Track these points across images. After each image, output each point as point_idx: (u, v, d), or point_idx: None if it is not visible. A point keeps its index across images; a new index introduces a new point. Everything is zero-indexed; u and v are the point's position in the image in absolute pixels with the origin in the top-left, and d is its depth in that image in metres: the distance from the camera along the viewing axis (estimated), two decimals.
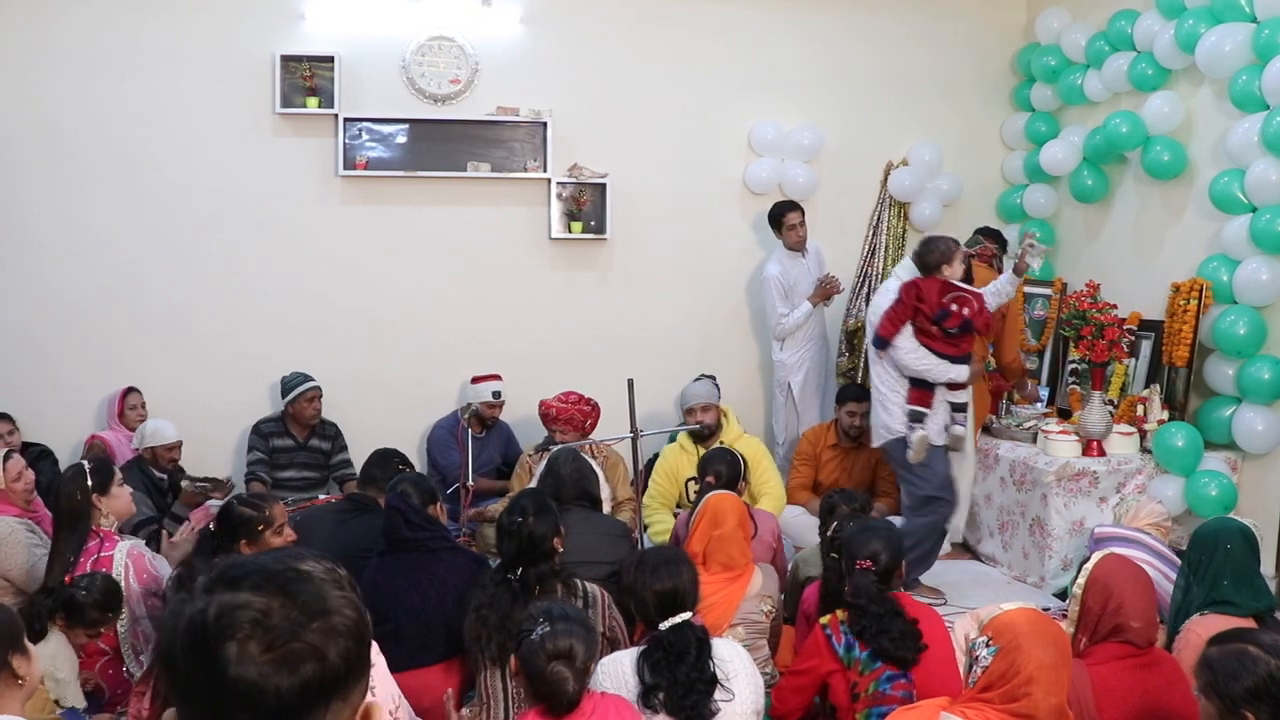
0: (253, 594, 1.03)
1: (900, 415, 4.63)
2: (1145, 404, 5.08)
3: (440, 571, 3.36)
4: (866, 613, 2.97)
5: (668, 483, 4.97)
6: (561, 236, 6.01)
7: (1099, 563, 2.85)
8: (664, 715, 2.67)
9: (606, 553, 3.80)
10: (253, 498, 3.35)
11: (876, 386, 4.76)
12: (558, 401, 5.23)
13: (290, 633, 1.02)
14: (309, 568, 1.07)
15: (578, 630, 2.50)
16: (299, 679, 1.01)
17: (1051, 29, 6.14)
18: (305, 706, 1.03)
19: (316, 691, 1.03)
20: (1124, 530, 3.78)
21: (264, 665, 1.00)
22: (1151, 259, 5.52)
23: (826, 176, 6.27)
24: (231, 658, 1.00)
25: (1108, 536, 3.72)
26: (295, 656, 1.01)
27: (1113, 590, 2.76)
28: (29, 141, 5.53)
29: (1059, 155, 5.87)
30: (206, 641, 1.02)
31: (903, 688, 2.86)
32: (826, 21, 6.28)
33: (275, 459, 5.49)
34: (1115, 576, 2.80)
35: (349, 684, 1.06)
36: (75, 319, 5.64)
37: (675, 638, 2.78)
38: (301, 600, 1.03)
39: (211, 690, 1.02)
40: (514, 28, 5.95)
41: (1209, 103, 5.13)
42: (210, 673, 1.01)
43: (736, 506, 3.59)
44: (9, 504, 3.93)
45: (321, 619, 1.03)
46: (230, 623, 1.01)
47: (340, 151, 5.71)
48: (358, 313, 5.91)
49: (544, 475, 4.03)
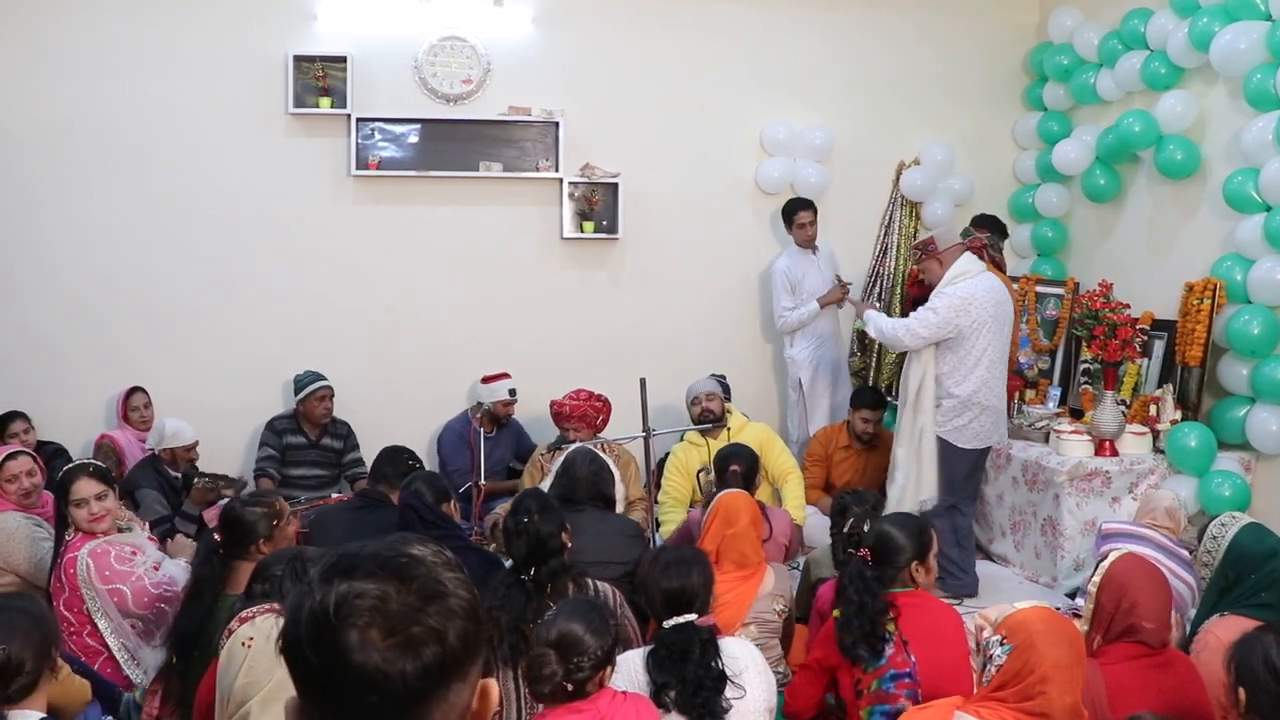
0: (369, 581, 1.04)
1: None
2: (1158, 404, 5.06)
3: None
4: (847, 598, 2.95)
5: (681, 479, 4.96)
6: (573, 236, 6.02)
7: (1115, 561, 2.84)
8: (676, 714, 2.68)
9: (620, 553, 3.80)
10: (254, 496, 3.34)
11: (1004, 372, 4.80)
12: (569, 399, 5.25)
13: (410, 617, 1.03)
14: (419, 552, 1.09)
15: (581, 620, 2.50)
16: (421, 662, 1.03)
17: (1064, 28, 6.12)
18: (428, 689, 1.05)
19: (438, 673, 1.04)
20: (1132, 526, 3.77)
21: (386, 650, 1.02)
22: (1164, 258, 5.50)
23: (838, 176, 6.27)
24: (354, 645, 1.02)
25: (1116, 533, 3.71)
26: (416, 640, 1.03)
27: (1127, 589, 2.75)
28: (41, 142, 5.55)
29: (1071, 155, 5.86)
30: (328, 631, 1.03)
31: (906, 686, 2.84)
32: (839, 21, 6.28)
33: (288, 456, 5.51)
34: (1131, 575, 2.79)
35: (468, 663, 1.08)
36: (88, 318, 5.67)
37: (677, 637, 2.78)
38: (417, 585, 1.05)
39: (336, 678, 1.03)
40: (526, 28, 5.96)
41: (1223, 101, 5.11)
42: (334, 662, 1.03)
43: (749, 505, 3.60)
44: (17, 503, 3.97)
45: (438, 601, 1.05)
46: (350, 611, 1.03)
47: (352, 151, 5.72)
48: (369, 312, 5.93)
49: (560, 474, 4.04)
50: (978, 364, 4.63)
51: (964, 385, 4.63)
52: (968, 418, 4.66)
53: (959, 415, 4.66)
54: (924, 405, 4.70)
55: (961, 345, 4.62)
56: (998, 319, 4.66)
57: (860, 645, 2.87)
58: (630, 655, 2.85)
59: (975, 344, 4.62)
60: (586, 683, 2.49)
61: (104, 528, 3.55)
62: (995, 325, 4.65)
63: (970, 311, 4.57)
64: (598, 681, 2.52)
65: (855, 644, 2.88)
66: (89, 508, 3.51)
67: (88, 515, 3.52)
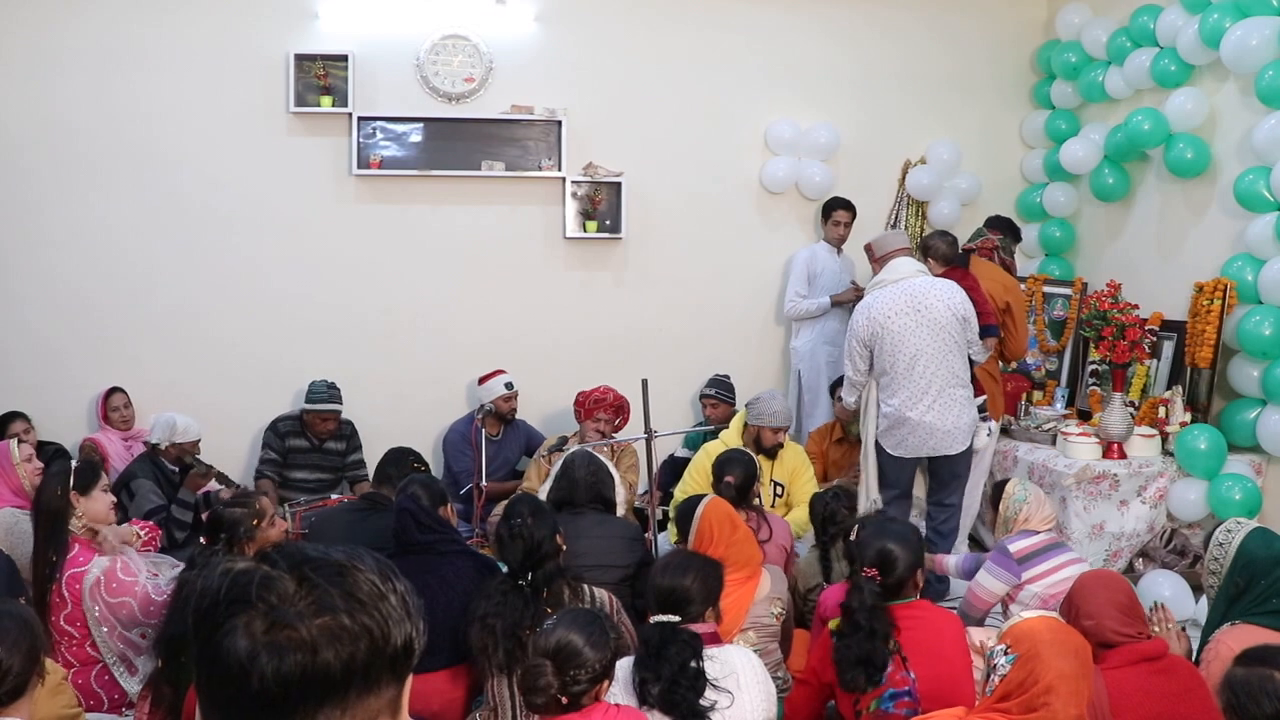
0: (283, 574, 1.00)
1: (974, 411, 4.63)
2: (1167, 406, 4.99)
3: (449, 575, 3.32)
4: (854, 621, 2.88)
5: (704, 479, 4.83)
6: (576, 236, 5.97)
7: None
8: (659, 714, 2.62)
9: (620, 556, 3.77)
10: (237, 496, 3.31)
11: (961, 385, 4.56)
12: (595, 389, 5.32)
13: (294, 619, 0.98)
14: (363, 567, 1.04)
15: (581, 632, 2.45)
16: (282, 667, 0.97)
17: (1072, 25, 6.05)
18: (288, 700, 0.98)
19: (300, 687, 0.98)
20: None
21: (256, 642, 0.97)
22: (1174, 258, 5.43)
23: (844, 175, 6.21)
24: (229, 629, 0.98)
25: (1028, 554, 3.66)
26: (287, 644, 0.97)
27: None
28: (42, 142, 5.53)
29: (1079, 153, 5.79)
30: (214, 606, 1.00)
31: (906, 705, 2.78)
32: (843, 18, 6.21)
33: (289, 459, 5.47)
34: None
35: (348, 694, 1.01)
36: (89, 319, 5.64)
37: (655, 633, 2.73)
38: (321, 592, 1.00)
39: (207, 662, 0.99)
40: (528, 26, 5.91)
41: (1234, 99, 5.04)
42: (209, 641, 0.99)
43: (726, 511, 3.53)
44: (18, 494, 3.94)
45: (331, 615, 0.99)
46: (247, 596, 0.99)
47: (354, 150, 5.69)
48: (371, 312, 5.89)
49: (559, 477, 4.00)
50: (906, 376, 4.46)
51: (893, 399, 4.53)
52: (895, 432, 4.57)
53: (888, 428, 4.59)
54: (869, 411, 4.67)
55: (883, 356, 4.52)
56: (916, 327, 4.44)
57: (859, 674, 2.81)
58: (624, 661, 2.81)
59: (897, 356, 4.48)
60: (582, 696, 2.44)
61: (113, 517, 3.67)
62: (907, 335, 4.44)
63: (869, 325, 4.50)
64: (593, 695, 2.47)
65: (854, 674, 2.81)
66: (109, 497, 3.64)
67: (110, 500, 3.62)
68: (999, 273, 5.18)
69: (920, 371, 4.47)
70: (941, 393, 4.49)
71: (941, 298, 4.51)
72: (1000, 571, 3.65)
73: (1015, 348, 5.15)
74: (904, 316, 4.47)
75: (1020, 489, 3.81)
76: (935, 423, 4.50)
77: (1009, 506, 3.79)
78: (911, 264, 4.63)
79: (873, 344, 4.52)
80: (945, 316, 4.48)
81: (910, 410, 4.48)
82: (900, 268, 4.60)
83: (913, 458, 4.62)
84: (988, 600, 3.71)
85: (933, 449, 4.58)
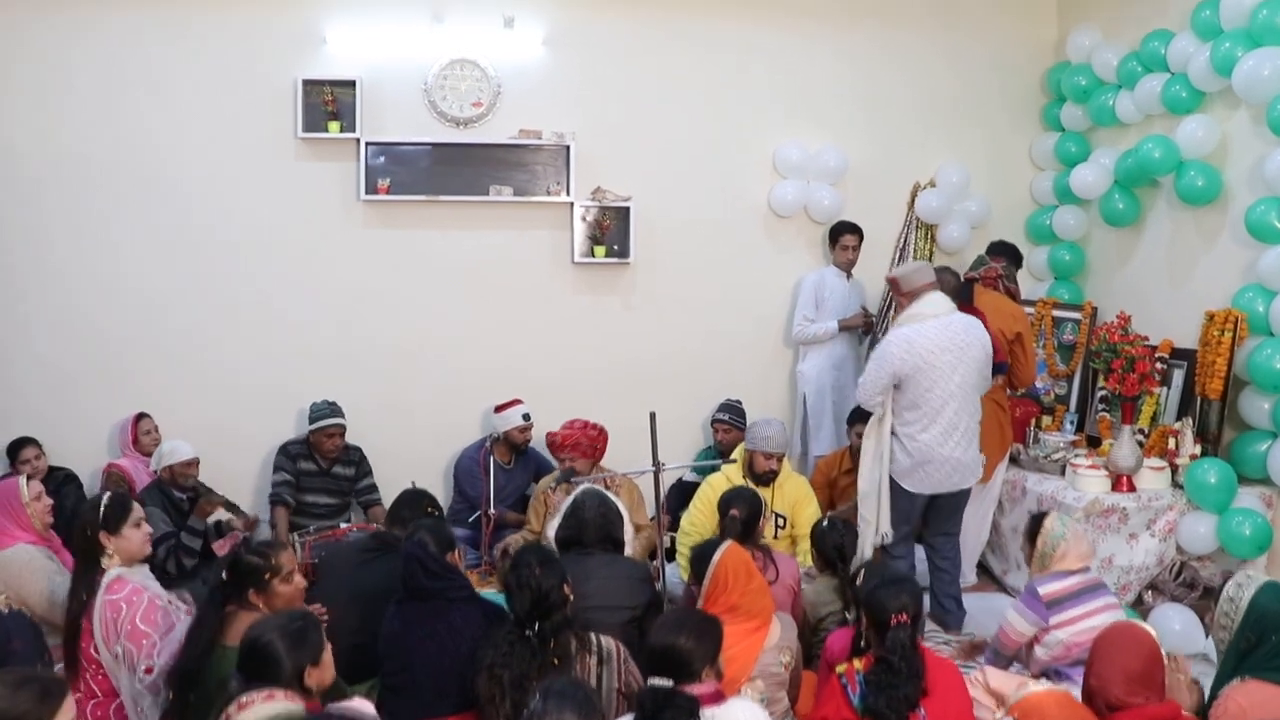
0: None
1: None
2: (1177, 437, 4.97)
3: (457, 622, 3.32)
4: (893, 668, 2.91)
5: (710, 510, 4.78)
6: (585, 260, 5.97)
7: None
8: None
9: (628, 597, 3.74)
10: (260, 545, 3.31)
11: (977, 420, 4.57)
12: (564, 430, 5.22)
13: None
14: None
15: (574, 712, 2.43)
16: None
17: (1083, 47, 6.02)
18: None
19: None
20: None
21: None
22: (1184, 285, 5.40)
23: (852, 198, 6.19)
24: None
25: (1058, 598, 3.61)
26: None
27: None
28: (52, 168, 5.55)
29: (1089, 179, 5.76)
30: None
31: None
32: (851, 40, 6.20)
33: (300, 483, 5.49)
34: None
35: None
36: (99, 345, 5.67)
37: (645, 699, 2.69)
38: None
39: None
40: (536, 50, 5.91)
41: (1245, 127, 5.01)
42: None
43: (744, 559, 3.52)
44: (27, 530, 3.96)
45: None
46: None
47: (362, 176, 5.69)
48: (379, 337, 5.90)
49: (568, 516, 3.98)
50: (939, 413, 4.44)
51: (923, 435, 4.46)
52: (917, 472, 4.50)
53: (906, 461, 4.50)
54: (880, 444, 4.56)
55: (917, 391, 4.43)
56: (950, 366, 4.43)
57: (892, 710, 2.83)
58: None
59: (933, 392, 4.43)
60: None
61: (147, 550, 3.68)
62: (947, 373, 4.43)
63: (907, 358, 4.41)
64: None
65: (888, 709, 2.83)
66: (144, 527, 3.63)
67: (144, 535, 3.62)
68: (1006, 303, 5.15)
69: (954, 408, 4.46)
70: (967, 429, 4.52)
71: (977, 337, 4.53)
72: (1029, 613, 3.64)
73: (1024, 377, 5.13)
74: (946, 354, 4.44)
75: (1059, 525, 3.76)
76: (960, 458, 4.51)
77: (1047, 542, 3.75)
78: (945, 300, 4.58)
79: (905, 377, 4.45)
80: (980, 356, 4.52)
81: (941, 447, 4.46)
82: (937, 303, 4.54)
83: (930, 493, 4.59)
84: (1016, 640, 3.71)
85: (954, 484, 4.57)
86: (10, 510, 3.96)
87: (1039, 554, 3.77)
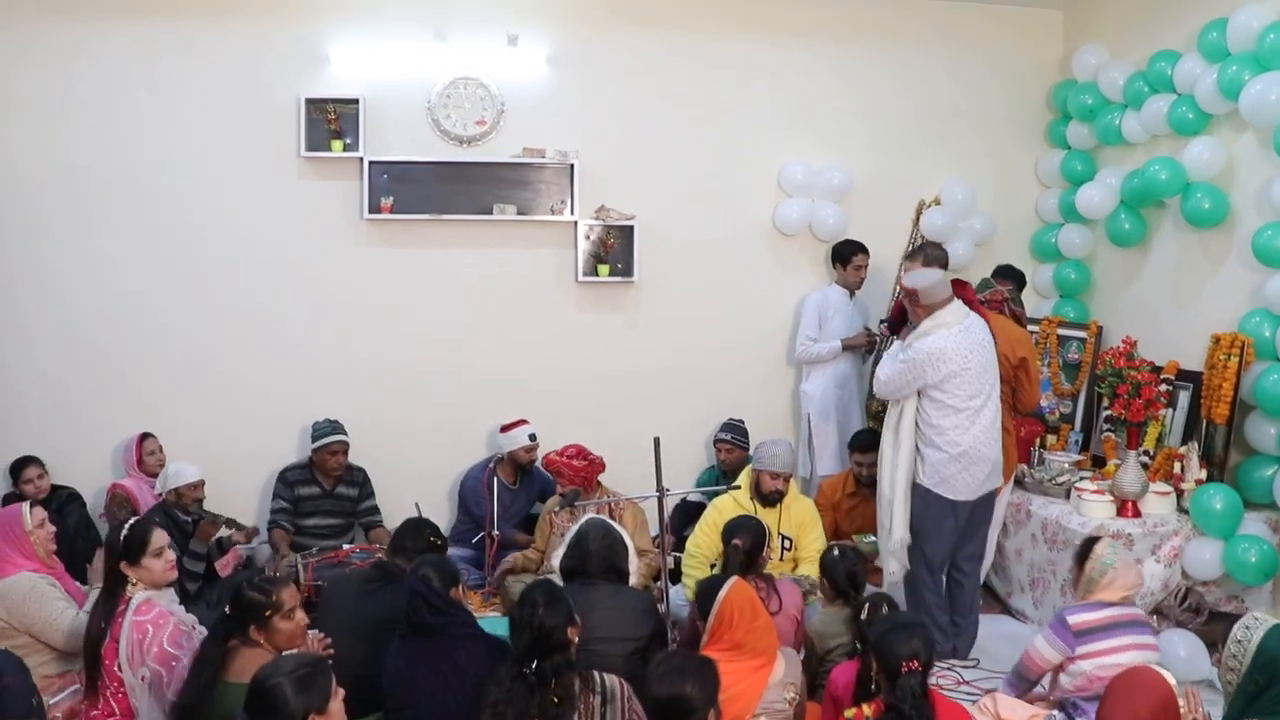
0: None
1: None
2: (1183, 461, 4.95)
3: (461, 659, 3.31)
4: (904, 716, 2.90)
5: (715, 534, 4.73)
6: (588, 280, 5.95)
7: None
8: None
9: (632, 629, 3.74)
10: (263, 581, 3.29)
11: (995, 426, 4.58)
12: (560, 457, 5.23)
13: None
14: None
15: None
16: None
17: (1089, 66, 6.00)
18: None
19: None
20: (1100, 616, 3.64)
21: None
22: (1191, 307, 5.38)
23: (857, 217, 6.17)
24: None
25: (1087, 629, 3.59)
26: None
27: None
28: (53, 187, 5.54)
29: (1095, 199, 5.74)
30: None
31: None
32: (856, 58, 6.18)
33: (301, 507, 5.48)
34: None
35: None
36: (101, 363, 5.66)
37: None
38: None
39: None
40: (540, 68, 5.89)
41: (1252, 150, 4.99)
42: None
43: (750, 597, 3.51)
44: (30, 558, 3.96)
45: None
46: None
47: (365, 195, 5.68)
48: (383, 356, 5.89)
49: (572, 546, 3.97)
50: (978, 415, 4.45)
51: (945, 437, 4.44)
52: (954, 468, 4.45)
53: (949, 466, 4.45)
54: (904, 449, 4.52)
55: (958, 396, 4.41)
56: (982, 367, 4.46)
57: None
58: None
59: (975, 394, 4.44)
60: None
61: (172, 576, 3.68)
62: (981, 373, 4.46)
63: (940, 366, 4.39)
64: None
65: None
66: (166, 555, 3.63)
67: (165, 563, 3.62)
68: (1012, 327, 5.12)
69: (992, 407, 4.50)
70: (998, 426, 4.56)
71: (990, 335, 4.57)
72: (1056, 641, 3.61)
73: (1028, 401, 5.08)
74: (975, 356, 4.44)
75: (1110, 552, 3.73)
76: (996, 457, 4.55)
77: (1095, 568, 3.71)
78: (962, 306, 4.58)
79: (938, 384, 4.42)
80: (999, 353, 4.59)
81: (984, 446, 4.47)
82: (957, 309, 4.53)
83: (972, 499, 4.54)
84: (1041, 666, 3.68)
85: (991, 484, 4.57)
86: (12, 538, 3.96)
87: (1086, 579, 3.73)
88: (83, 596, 4.08)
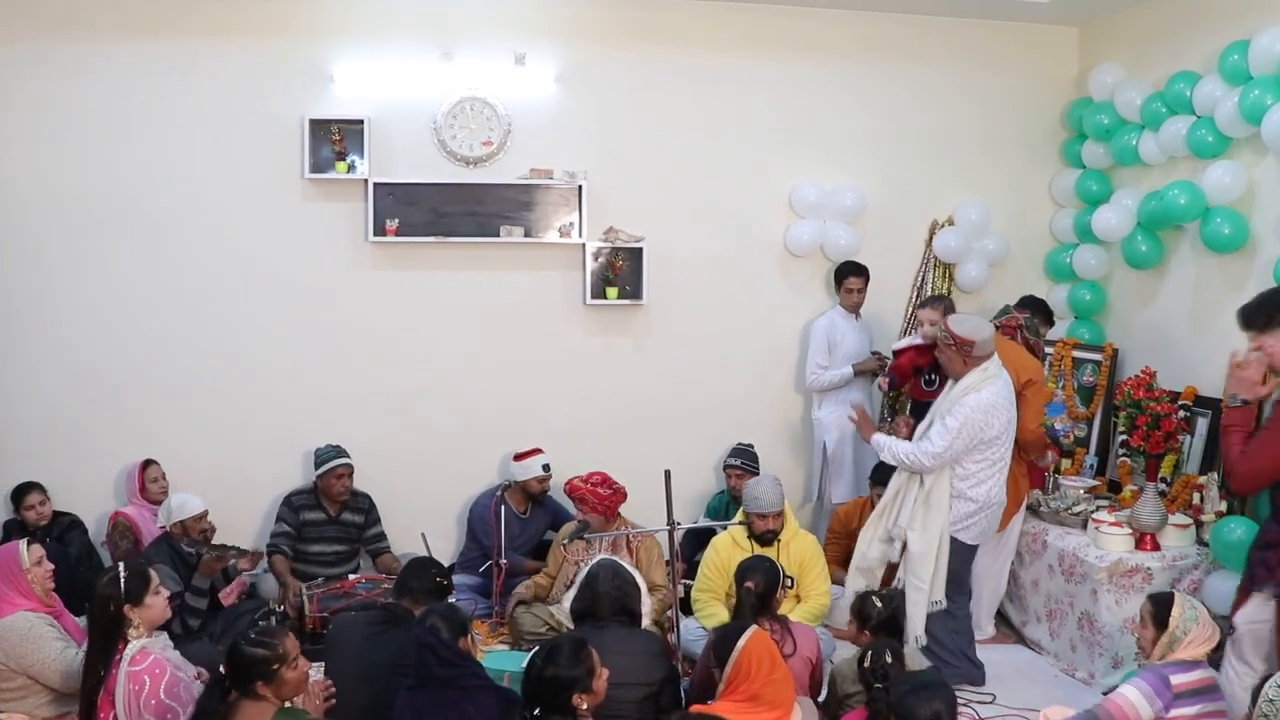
0: None
1: None
2: (1202, 492, 4.87)
3: (471, 712, 3.24)
4: None
5: (718, 576, 4.76)
6: (597, 302, 5.87)
7: None
8: None
9: (644, 674, 3.67)
10: (261, 635, 3.22)
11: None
12: (582, 482, 5.14)
13: None
14: None
15: None
16: None
17: (1105, 85, 5.90)
18: None
19: None
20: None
21: None
22: (1209, 332, 5.29)
23: (870, 237, 6.10)
24: None
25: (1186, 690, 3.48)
26: None
27: None
28: (54, 209, 5.45)
29: (1112, 221, 5.65)
30: None
31: None
32: (867, 77, 6.10)
33: (305, 533, 5.41)
34: None
35: None
36: (104, 388, 5.58)
37: None
38: None
39: None
40: (548, 87, 5.80)
41: (1273, 175, 4.90)
42: None
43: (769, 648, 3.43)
44: (29, 597, 3.90)
45: None
46: None
47: (370, 217, 5.59)
48: (389, 380, 5.81)
49: (583, 588, 3.90)
50: (996, 465, 4.50)
51: (981, 488, 4.47)
52: (979, 518, 4.52)
53: (972, 515, 4.50)
54: (938, 503, 4.47)
55: (990, 449, 4.44)
56: (1012, 419, 4.53)
57: None
58: None
59: (1002, 448, 4.48)
60: None
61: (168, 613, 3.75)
62: (1011, 422, 4.53)
63: (992, 422, 4.40)
64: None
65: None
66: (162, 591, 3.69)
67: (163, 599, 3.68)
68: (1021, 354, 5.01)
69: (1008, 457, 4.57)
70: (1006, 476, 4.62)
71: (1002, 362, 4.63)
72: (1156, 700, 3.46)
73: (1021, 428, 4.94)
74: (1012, 407, 4.54)
75: (1190, 609, 3.64)
76: (1005, 501, 4.64)
77: (1180, 625, 3.62)
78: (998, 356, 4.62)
79: (993, 439, 4.43)
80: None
81: (1001, 493, 4.56)
82: (998, 360, 4.56)
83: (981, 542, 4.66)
84: (1129, 716, 3.52)
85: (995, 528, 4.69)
86: (10, 576, 3.91)
87: (1170, 637, 3.58)
88: (82, 634, 4.01)
